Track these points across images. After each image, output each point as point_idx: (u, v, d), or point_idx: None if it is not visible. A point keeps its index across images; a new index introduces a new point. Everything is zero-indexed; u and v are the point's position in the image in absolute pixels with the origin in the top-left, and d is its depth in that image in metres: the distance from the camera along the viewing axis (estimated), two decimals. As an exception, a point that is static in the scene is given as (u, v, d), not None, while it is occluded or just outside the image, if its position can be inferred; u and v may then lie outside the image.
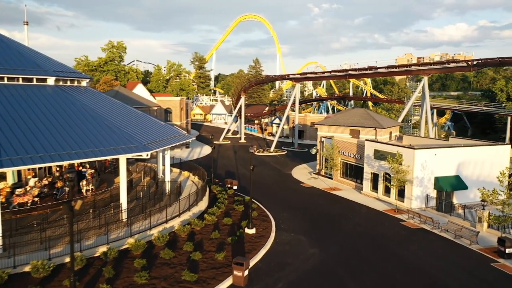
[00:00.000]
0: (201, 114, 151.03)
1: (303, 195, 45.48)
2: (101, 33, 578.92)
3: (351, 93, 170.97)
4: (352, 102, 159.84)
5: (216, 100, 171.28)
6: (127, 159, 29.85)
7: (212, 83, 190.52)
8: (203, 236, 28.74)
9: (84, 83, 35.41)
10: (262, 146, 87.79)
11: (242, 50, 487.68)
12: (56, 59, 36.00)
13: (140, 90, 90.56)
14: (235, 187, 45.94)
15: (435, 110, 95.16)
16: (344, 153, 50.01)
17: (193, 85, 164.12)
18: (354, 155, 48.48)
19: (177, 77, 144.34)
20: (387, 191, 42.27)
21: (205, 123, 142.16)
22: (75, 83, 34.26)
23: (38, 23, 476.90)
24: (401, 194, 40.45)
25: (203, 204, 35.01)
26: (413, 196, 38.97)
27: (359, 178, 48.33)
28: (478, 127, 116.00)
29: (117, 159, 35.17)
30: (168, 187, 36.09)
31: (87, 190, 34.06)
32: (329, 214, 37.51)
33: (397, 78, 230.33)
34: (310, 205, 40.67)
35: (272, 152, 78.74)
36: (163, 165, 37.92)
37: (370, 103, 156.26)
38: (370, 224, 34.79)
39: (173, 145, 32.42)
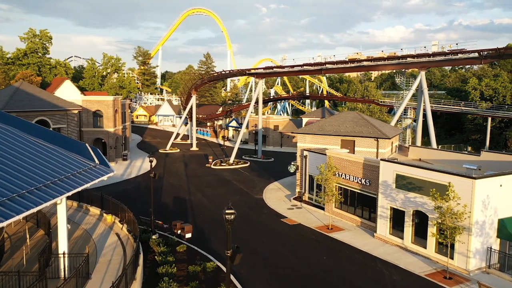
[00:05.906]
0: (145, 115, 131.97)
1: (290, 243, 30.27)
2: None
3: (307, 91, 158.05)
4: (309, 101, 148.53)
5: (163, 100, 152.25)
6: None
7: (158, 80, 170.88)
8: None
9: None
10: (218, 155, 71.79)
11: (190, 48, 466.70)
12: None
13: (67, 88, 76.40)
14: (188, 235, 30.05)
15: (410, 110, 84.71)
16: (343, 176, 35.39)
17: (136, 82, 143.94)
18: (360, 179, 33.93)
19: (116, 73, 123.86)
20: (419, 236, 28.15)
21: (150, 126, 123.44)
22: None
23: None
24: (446, 244, 26.43)
25: (129, 302, 18.65)
26: (471, 252, 24.99)
27: (366, 211, 34.03)
28: (443, 127, 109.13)
29: None
30: (64, 265, 19.31)
31: None
32: (347, 291, 22.62)
33: (351, 75, 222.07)
34: (306, 268, 25.54)
35: (232, 164, 63.07)
36: (61, 221, 20.83)
37: (326, 102, 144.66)
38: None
39: (59, 198, 15.95)
